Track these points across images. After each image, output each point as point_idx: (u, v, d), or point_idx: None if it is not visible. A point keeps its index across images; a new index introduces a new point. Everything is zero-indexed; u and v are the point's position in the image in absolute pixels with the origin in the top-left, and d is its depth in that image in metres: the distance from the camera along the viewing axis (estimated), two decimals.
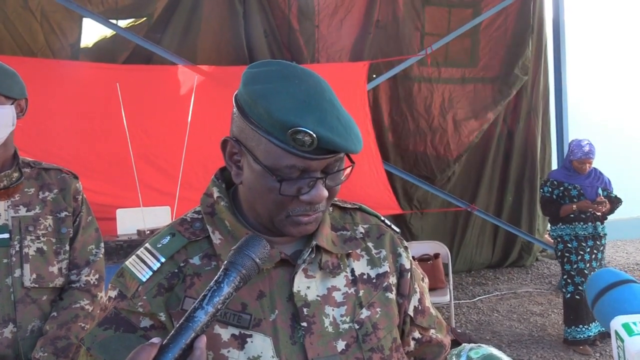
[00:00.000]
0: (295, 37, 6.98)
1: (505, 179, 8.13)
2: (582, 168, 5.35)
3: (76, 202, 2.28)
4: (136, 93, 5.35)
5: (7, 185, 2.14)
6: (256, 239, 1.06)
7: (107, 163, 5.34)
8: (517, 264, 8.28)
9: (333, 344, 1.18)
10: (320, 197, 1.12)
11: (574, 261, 5.31)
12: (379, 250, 1.31)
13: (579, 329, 5.33)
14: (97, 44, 6.45)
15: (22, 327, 2.10)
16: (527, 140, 8.10)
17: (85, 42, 6.40)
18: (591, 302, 1.12)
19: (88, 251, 2.28)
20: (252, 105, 1.09)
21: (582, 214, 5.29)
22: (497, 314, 6.48)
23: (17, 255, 2.12)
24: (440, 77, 7.62)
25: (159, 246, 1.19)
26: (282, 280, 1.18)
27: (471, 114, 7.72)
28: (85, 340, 1.14)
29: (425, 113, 7.61)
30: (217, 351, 1.13)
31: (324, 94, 1.10)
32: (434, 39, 7.32)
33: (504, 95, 7.76)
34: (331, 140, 1.06)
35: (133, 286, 1.16)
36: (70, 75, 5.58)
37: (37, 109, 2.37)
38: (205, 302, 0.99)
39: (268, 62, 1.16)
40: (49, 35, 6.08)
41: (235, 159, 1.17)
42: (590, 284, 1.14)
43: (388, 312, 1.27)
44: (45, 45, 6.06)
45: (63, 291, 2.22)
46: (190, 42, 6.56)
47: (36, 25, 6.02)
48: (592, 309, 1.12)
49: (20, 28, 5.96)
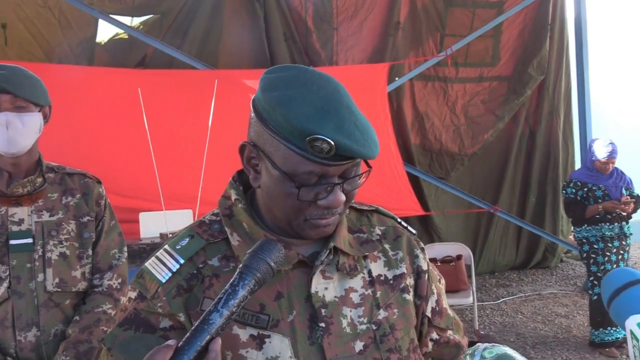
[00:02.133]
0: (313, 40, 6.99)
1: (527, 180, 8.06)
2: (604, 168, 5.30)
3: (99, 207, 2.30)
4: (157, 97, 5.40)
5: (30, 190, 2.17)
6: (271, 243, 1.07)
7: (130, 166, 5.39)
8: (541, 266, 8.20)
9: (351, 344, 1.18)
10: (338, 202, 1.13)
11: (600, 262, 5.26)
12: (396, 251, 1.31)
13: (607, 331, 5.27)
14: (114, 41, 6.48)
15: (45, 331, 2.12)
16: (550, 141, 8.03)
17: (101, 38, 6.44)
18: (607, 301, 1.12)
19: (111, 255, 2.30)
20: (270, 111, 1.10)
21: (608, 214, 5.23)
22: (521, 315, 6.43)
23: (40, 260, 2.15)
24: (457, 76, 7.59)
25: (178, 248, 1.20)
26: (300, 281, 1.19)
27: (485, 112, 7.68)
28: (106, 341, 1.16)
29: (440, 112, 7.58)
30: (236, 351, 1.14)
31: (342, 100, 1.10)
32: (454, 39, 7.28)
33: (518, 94, 7.69)
34: (349, 147, 1.07)
35: (152, 287, 1.17)
36: (92, 80, 5.65)
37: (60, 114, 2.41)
38: (220, 305, 1.01)
39: (285, 67, 1.17)
40: (67, 31, 6.14)
41: (253, 163, 1.18)
42: (606, 283, 1.14)
43: (405, 313, 1.27)
44: (64, 42, 6.13)
45: (86, 295, 2.25)
46: (211, 47, 6.59)
47: (55, 22, 6.09)
48: (608, 308, 1.12)
49: (39, 26, 6.03)
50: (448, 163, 7.66)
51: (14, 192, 2.14)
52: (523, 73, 7.67)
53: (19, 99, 2.09)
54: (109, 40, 6.49)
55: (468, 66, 7.59)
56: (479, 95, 7.67)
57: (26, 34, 5.99)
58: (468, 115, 7.63)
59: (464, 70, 7.59)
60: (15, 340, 2.09)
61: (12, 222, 2.14)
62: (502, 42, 7.68)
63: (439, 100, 7.57)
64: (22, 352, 2.09)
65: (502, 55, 7.70)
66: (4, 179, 2.16)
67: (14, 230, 2.13)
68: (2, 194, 2.15)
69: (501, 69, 7.73)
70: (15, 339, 2.09)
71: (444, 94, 7.56)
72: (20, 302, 2.10)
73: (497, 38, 7.65)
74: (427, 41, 7.41)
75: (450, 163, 7.66)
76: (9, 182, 2.16)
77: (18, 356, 2.09)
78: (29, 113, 2.12)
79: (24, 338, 2.10)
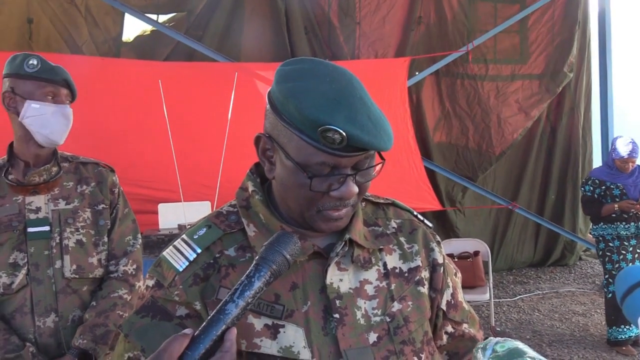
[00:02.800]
0: (336, 34, 6.99)
1: (547, 177, 8.01)
2: (624, 167, 5.25)
3: (113, 195, 2.35)
4: (178, 89, 5.43)
5: (47, 179, 2.22)
6: (287, 236, 1.09)
7: (149, 158, 5.43)
8: (559, 263, 8.15)
9: (365, 336, 1.19)
10: (350, 193, 1.14)
11: (615, 260, 5.22)
12: (411, 244, 1.32)
13: (621, 329, 5.24)
14: (139, 38, 6.57)
15: (63, 316, 2.17)
16: (570, 138, 7.97)
17: (127, 36, 6.52)
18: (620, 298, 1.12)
19: (125, 242, 2.35)
20: (284, 102, 1.11)
21: (624, 213, 5.19)
22: (538, 313, 6.40)
23: (58, 247, 2.19)
24: (488, 74, 7.54)
25: (196, 237, 1.22)
26: (315, 272, 1.20)
27: (517, 111, 7.62)
28: (123, 327, 1.17)
29: (470, 110, 7.53)
30: (250, 340, 1.15)
31: (355, 92, 1.11)
32: (481, 35, 7.25)
33: (551, 92, 7.65)
34: (360, 138, 1.07)
35: (170, 276, 1.19)
36: (113, 71, 5.70)
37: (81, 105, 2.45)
38: (236, 295, 1.02)
39: (300, 59, 1.18)
40: (93, 29, 6.21)
41: (267, 154, 1.19)
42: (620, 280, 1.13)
43: (419, 305, 1.27)
44: (89, 39, 6.19)
45: (102, 281, 2.29)
46: (232, 40, 6.63)
47: (81, 20, 6.16)
48: (621, 305, 1.12)
49: (66, 23, 6.10)
50: (475, 161, 7.61)
51: (30, 180, 2.19)
52: (557, 71, 7.60)
53: (71, 94, 2.24)
54: (135, 38, 6.55)
55: (498, 63, 7.54)
56: (514, 95, 7.61)
57: (52, 30, 6.06)
58: (501, 116, 7.58)
59: (494, 68, 7.54)
60: (34, 325, 2.13)
61: (30, 210, 2.18)
62: (530, 39, 7.62)
63: (469, 99, 7.52)
64: (41, 338, 2.13)
65: (531, 52, 7.63)
66: (20, 168, 2.22)
67: (31, 218, 2.18)
68: (19, 182, 2.19)
69: (532, 67, 7.66)
70: (34, 324, 2.13)
71: (475, 92, 7.50)
72: (39, 288, 2.14)
73: (524, 34, 7.59)
74: (452, 37, 7.36)
75: (477, 161, 7.61)
76: (25, 171, 2.21)
77: (37, 341, 2.13)
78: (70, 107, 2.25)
79: (42, 324, 2.13)
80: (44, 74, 2.16)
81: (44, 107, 2.16)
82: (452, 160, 7.60)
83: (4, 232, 2.14)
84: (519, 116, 7.61)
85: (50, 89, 2.17)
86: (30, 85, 2.16)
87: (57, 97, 2.19)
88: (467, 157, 7.61)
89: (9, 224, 2.15)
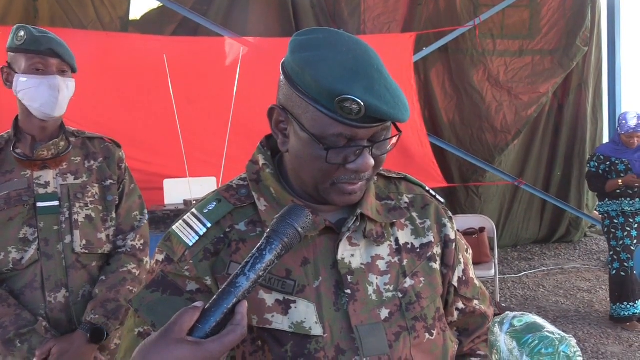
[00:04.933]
0: (341, 8, 6.93)
1: (554, 154, 7.98)
2: (630, 142, 5.22)
3: (120, 170, 2.34)
4: (183, 64, 5.40)
5: (55, 154, 2.19)
6: (299, 208, 1.06)
7: (155, 133, 5.42)
8: (564, 240, 8.16)
9: (376, 311, 1.18)
10: (366, 165, 1.11)
11: (619, 237, 5.21)
12: (424, 220, 1.30)
13: (624, 306, 5.24)
14: (145, 17, 6.53)
15: (73, 292, 2.16)
16: (577, 114, 7.92)
17: (134, 15, 6.47)
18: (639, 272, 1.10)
19: (133, 217, 2.33)
20: (300, 72, 1.08)
21: (629, 189, 5.17)
22: (543, 289, 6.41)
23: (67, 222, 2.17)
24: (496, 49, 7.46)
25: (206, 212, 1.20)
26: (327, 247, 1.19)
27: (529, 88, 7.54)
28: (133, 302, 1.16)
29: (480, 87, 7.46)
30: (262, 315, 1.14)
31: (372, 62, 1.09)
32: (488, 10, 7.16)
33: (565, 67, 7.57)
34: (379, 108, 1.05)
35: (180, 250, 1.17)
36: (117, 46, 5.67)
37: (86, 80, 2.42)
38: (247, 268, 1.00)
39: (315, 29, 1.15)
40: (100, 8, 6.16)
41: (281, 127, 1.16)
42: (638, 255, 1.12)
43: (431, 281, 1.26)
44: (96, 18, 6.15)
45: (110, 257, 2.28)
46: (237, 15, 6.57)
47: None
48: None
49: (72, 2, 6.05)
50: (491, 143, 7.54)
51: (39, 155, 2.16)
52: (570, 46, 7.50)
53: (65, 63, 2.16)
54: (142, 17, 6.50)
55: (505, 38, 7.45)
56: (523, 70, 7.53)
57: (57, 9, 6.01)
58: (512, 92, 7.50)
59: (501, 43, 7.45)
60: (45, 301, 2.12)
61: (39, 184, 2.16)
62: (541, 13, 7.51)
63: (479, 75, 7.44)
64: (52, 313, 2.13)
65: (542, 27, 7.53)
66: (27, 142, 2.19)
67: (40, 193, 2.16)
68: (27, 157, 2.17)
69: (543, 42, 7.57)
70: (45, 300, 2.12)
71: (484, 68, 7.42)
72: (49, 263, 2.13)
73: (535, 9, 7.49)
74: (460, 12, 7.27)
75: (493, 142, 7.54)
76: (32, 145, 2.18)
77: (48, 317, 2.13)
78: (70, 78, 2.20)
79: (53, 299, 2.13)
80: (29, 46, 2.10)
81: (30, 80, 2.11)
82: (467, 142, 7.54)
83: (14, 207, 2.12)
84: (532, 93, 7.54)
85: (38, 60, 2.11)
86: (20, 58, 2.13)
87: (47, 68, 2.12)
88: (482, 138, 7.55)
89: (19, 198, 2.13)
